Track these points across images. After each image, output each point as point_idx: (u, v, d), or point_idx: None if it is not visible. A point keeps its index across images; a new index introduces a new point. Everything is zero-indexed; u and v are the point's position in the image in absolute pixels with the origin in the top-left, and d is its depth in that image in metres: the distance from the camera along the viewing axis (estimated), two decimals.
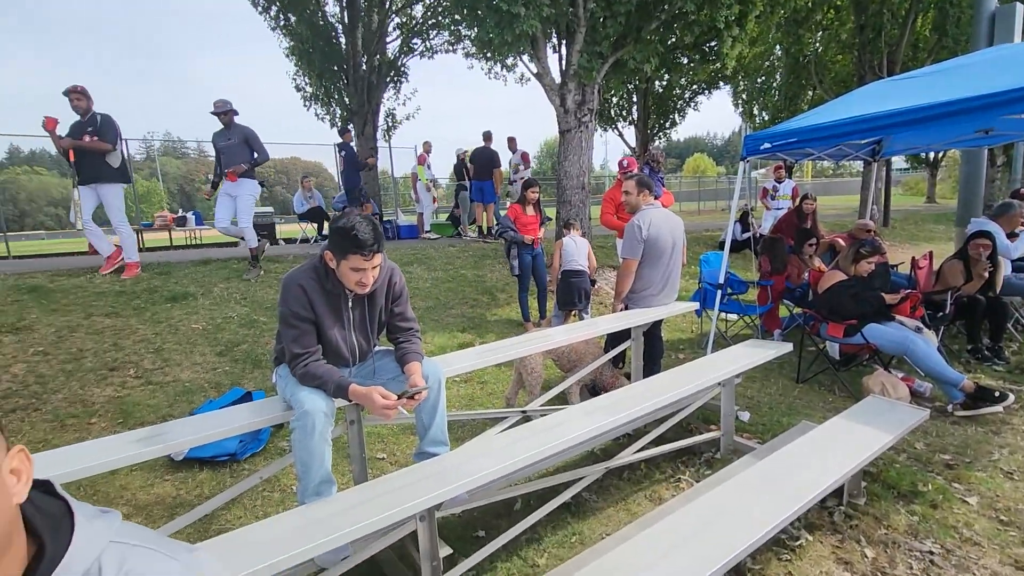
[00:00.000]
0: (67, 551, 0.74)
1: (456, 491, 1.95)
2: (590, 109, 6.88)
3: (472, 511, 2.61)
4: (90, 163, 5.37)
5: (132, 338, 4.58)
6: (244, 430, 2.25)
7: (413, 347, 2.26)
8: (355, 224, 1.96)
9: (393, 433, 3.53)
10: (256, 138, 5.99)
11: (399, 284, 2.28)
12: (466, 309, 6.07)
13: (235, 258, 6.96)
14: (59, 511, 0.79)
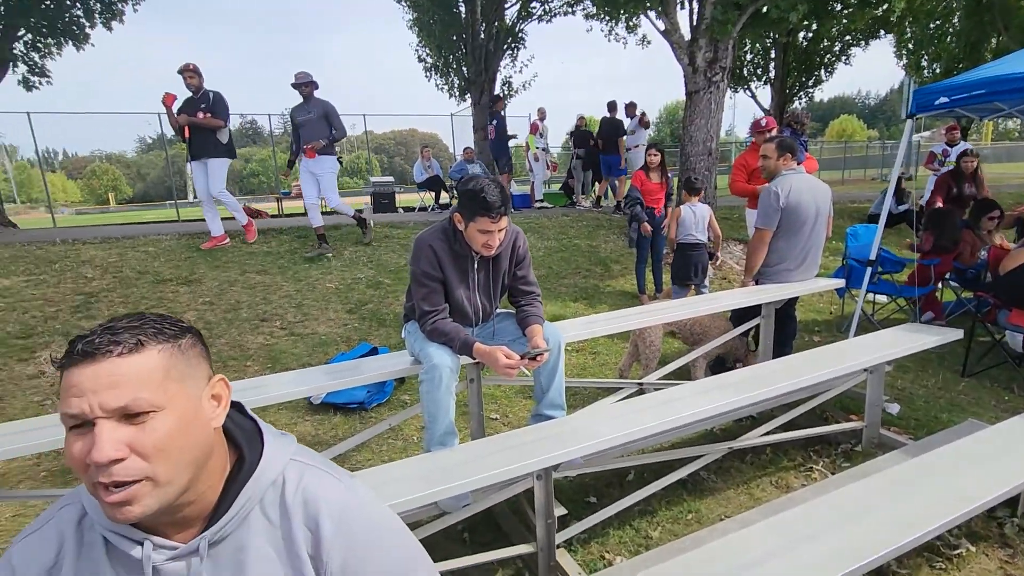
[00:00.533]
0: (260, 461, 0.83)
1: (574, 454, 1.95)
2: (722, 67, 6.35)
3: (584, 476, 2.62)
4: (201, 139, 5.54)
5: (278, 293, 5.11)
6: (375, 380, 2.42)
7: (534, 310, 2.27)
8: (484, 187, 1.98)
9: (506, 395, 3.63)
10: (335, 113, 5.82)
11: (523, 248, 2.29)
12: (579, 279, 6.01)
13: None
14: (251, 428, 0.89)
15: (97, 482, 0.69)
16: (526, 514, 2.32)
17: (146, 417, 0.70)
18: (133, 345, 0.72)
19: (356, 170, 56.12)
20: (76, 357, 0.70)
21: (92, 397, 0.68)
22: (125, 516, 0.70)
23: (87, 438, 0.69)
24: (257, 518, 0.82)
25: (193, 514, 0.79)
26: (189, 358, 0.78)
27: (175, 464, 0.72)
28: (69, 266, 5.28)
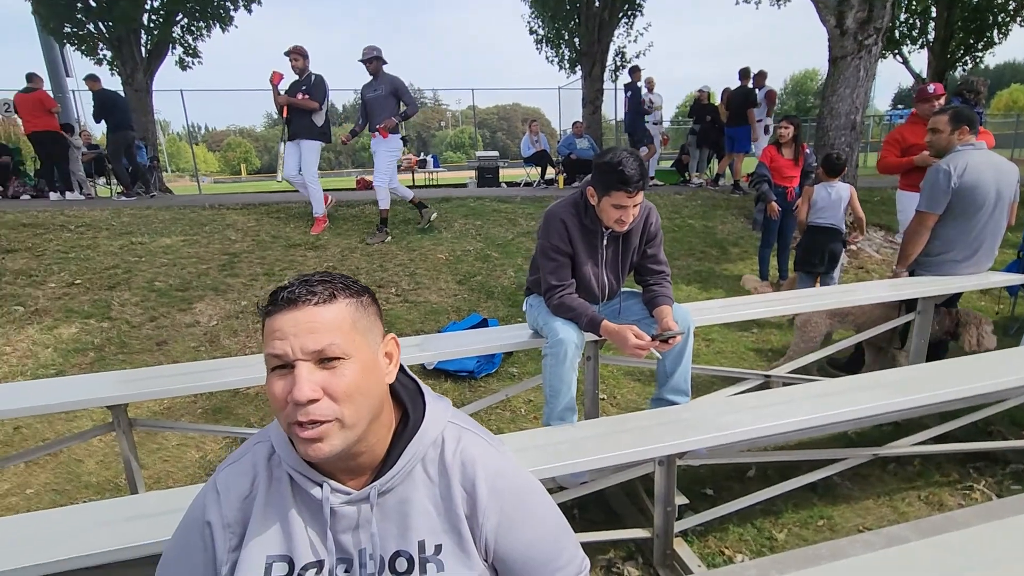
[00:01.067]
0: (423, 421, 0.87)
1: (700, 443, 1.85)
2: (877, 28, 5.59)
3: (701, 467, 2.50)
4: (298, 120, 5.56)
5: (393, 262, 5.35)
6: (496, 351, 2.46)
7: (664, 290, 2.17)
8: (622, 159, 1.89)
9: (614, 375, 3.55)
10: (405, 89, 5.59)
11: (655, 225, 2.18)
12: (692, 262, 5.72)
13: (472, 197, 7.59)
14: (413, 388, 0.93)
15: (294, 421, 0.75)
16: (640, 498, 2.26)
17: (337, 363, 0.76)
18: (328, 296, 0.78)
19: (460, 144, 57.42)
20: (280, 304, 0.77)
21: (294, 340, 0.75)
22: (316, 452, 0.76)
23: (288, 379, 0.75)
24: (419, 474, 0.86)
25: (364, 463, 0.85)
26: (369, 315, 0.83)
27: (358, 409, 0.78)
28: (216, 229, 5.88)
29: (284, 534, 0.84)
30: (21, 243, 5.10)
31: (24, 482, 2.63)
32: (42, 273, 4.60)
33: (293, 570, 0.83)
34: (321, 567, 0.83)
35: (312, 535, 0.84)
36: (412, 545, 0.84)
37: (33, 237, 5.24)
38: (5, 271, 4.64)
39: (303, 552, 0.83)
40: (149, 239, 5.46)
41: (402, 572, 0.84)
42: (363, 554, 0.84)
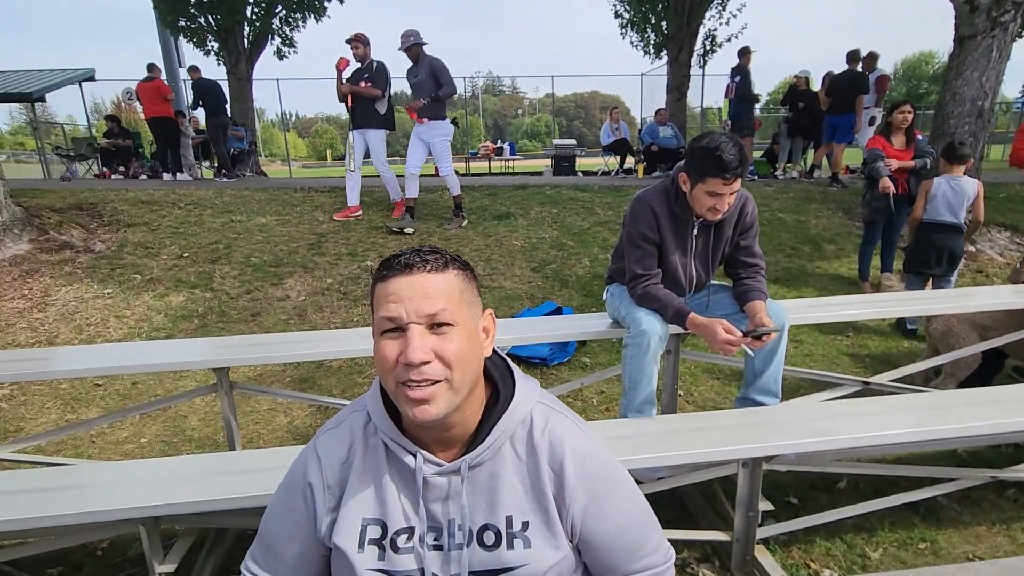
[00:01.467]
0: (512, 399, 0.87)
1: (790, 448, 1.74)
2: (1016, 3, 4.95)
3: (786, 474, 2.35)
4: (362, 109, 5.53)
5: (469, 247, 5.42)
6: (573, 338, 2.43)
7: (758, 284, 2.04)
8: (720, 144, 1.78)
9: (691, 372, 3.42)
10: (443, 69, 5.29)
11: (751, 215, 2.05)
12: (781, 258, 5.38)
13: (548, 185, 7.54)
14: (503, 367, 0.93)
15: (403, 381, 0.77)
16: (718, 499, 2.17)
17: (447, 329, 0.78)
18: (441, 265, 0.81)
19: (536, 133, 57.23)
20: (396, 269, 0.80)
21: (408, 304, 0.77)
22: (423, 414, 0.78)
23: (400, 341, 0.78)
24: (508, 452, 0.87)
25: (456, 436, 0.86)
26: (472, 288, 0.86)
27: (464, 374, 0.79)
28: (306, 210, 6.21)
29: (378, 499, 0.87)
30: (140, 218, 5.62)
31: (139, 432, 2.91)
32: (156, 246, 5.06)
33: (386, 534, 0.86)
34: (412, 533, 0.86)
35: (404, 502, 0.86)
36: (500, 520, 0.85)
37: (149, 213, 5.76)
38: (127, 243, 5.14)
39: (396, 517, 0.86)
40: (247, 218, 5.85)
41: (489, 545, 0.85)
42: (452, 524, 0.86)
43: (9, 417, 3.04)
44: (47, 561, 2.06)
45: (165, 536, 1.83)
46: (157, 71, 8.87)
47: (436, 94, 5.24)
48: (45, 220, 5.21)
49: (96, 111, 16.61)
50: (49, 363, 2.35)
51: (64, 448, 2.76)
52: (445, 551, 0.86)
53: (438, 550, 0.86)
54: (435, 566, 0.85)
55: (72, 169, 10.47)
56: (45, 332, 3.87)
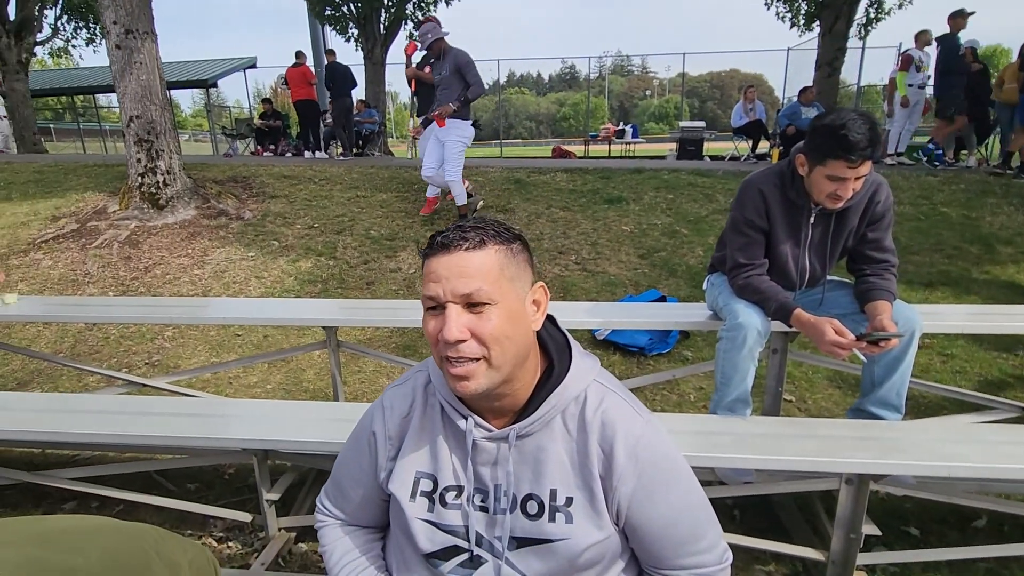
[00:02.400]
0: (567, 375, 0.86)
1: (907, 469, 1.54)
2: None
3: (907, 501, 2.08)
4: (425, 96, 5.30)
5: (576, 230, 5.37)
6: (664, 327, 2.33)
7: (884, 283, 1.79)
8: (846, 121, 1.57)
9: (807, 376, 3.12)
10: (469, 65, 4.77)
11: (883, 204, 1.79)
12: (939, 258, 4.67)
13: (666, 170, 7.22)
14: (562, 342, 0.92)
15: (444, 356, 0.80)
16: (816, 515, 1.98)
17: (484, 308, 0.79)
18: (477, 242, 0.81)
19: (664, 115, 54.77)
20: (435, 248, 0.82)
21: (445, 284, 0.79)
22: (463, 388, 0.81)
23: (440, 319, 0.80)
24: (558, 426, 0.87)
25: (507, 406, 0.88)
26: (518, 261, 0.84)
27: (504, 352, 0.80)
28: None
29: (432, 455, 0.91)
30: (281, 191, 6.27)
31: (265, 379, 3.29)
32: (292, 216, 5.62)
33: (436, 488, 0.90)
34: (460, 492, 0.89)
35: (455, 461, 0.90)
36: (544, 491, 0.86)
37: (289, 187, 6.40)
38: (269, 213, 5.77)
39: (446, 474, 0.90)
40: (370, 193, 6.29)
41: (532, 515, 0.87)
42: (498, 489, 0.88)
43: (170, 355, 3.59)
44: (187, 476, 2.43)
45: (275, 471, 2.07)
46: (303, 58, 9.74)
47: (465, 95, 4.78)
48: (208, 190, 6.01)
49: (257, 95, 18.74)
50: (202, 311, 2.74)
51: (207, 385, 3.20)
52: (490, 513, 0.88)
53: (483, 511, 0.89)
54: (479, 525, 0.88)
55: (233, 147, 11.94)
56: (201, 286, 4.50)
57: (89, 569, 0.82)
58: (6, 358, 3.57)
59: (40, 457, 2.60)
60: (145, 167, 5.40)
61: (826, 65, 9.95)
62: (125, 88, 5.16)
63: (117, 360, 3.55)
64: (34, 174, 7.37)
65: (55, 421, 1.84)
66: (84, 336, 3.81)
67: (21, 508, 2.27)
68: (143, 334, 3.80)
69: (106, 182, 6.68)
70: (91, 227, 5.37)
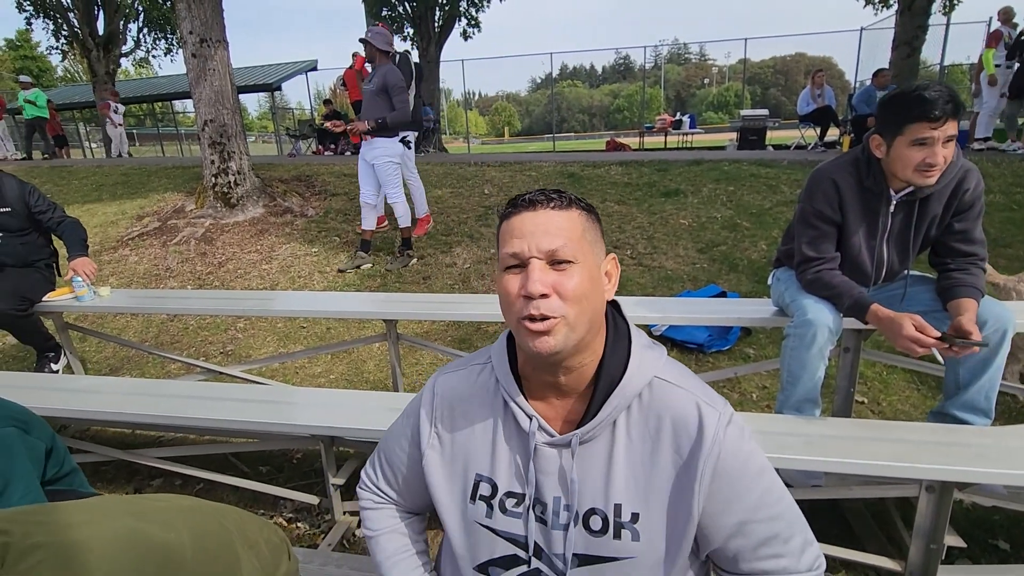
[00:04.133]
0: (626, 371, 0.82)
1: (996, 479, 1.43)
2: None
3: (998, 512, 1.93)
4: None
5: (632, 224, 5.28)
6: (726, 323, 2.25)
7: (971, 278, 1.66)
8: (918, 84, 1.50)
9: (882, 376, 2.95)
10: (397, 88, 4.22)
11: (973, 192, 1.65)
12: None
13: (727, 161, 6.98)
14: (624, 329, 0.88)
15: (523, 316, 0.78)
16: (891, 523, 1.87)
17: (566, 266, 0.78)
18: (564, 203, 0.81)
19: (724, 103, 52.88)
20: (520, 207, 0.81)
21: (531, 239, 0.78)
22: (543, 345, 0.77)
23: (522, 276, 0.79)
24: (622, 432, 0.82)
25: (572, 384, 0.84)
26: (596, 229, 0.85)
27: (583, 312, 0.78)
28: (476, 184, 6.59)
29: (491, 455, 0.88)
30: (341, 189, 6.50)
31: (329, 369, 3.43)
32: (352, 213, 5.81)
33: (496, 493, 0.86)
34: (521, 500, 0.85)
35: (518, 464, 0.86)
36: (608, 506, 0.81)
37: (349, 184, 6.62)
38: (331, 210, 6.00)
39: (506, 478, 0.86)
40: (425, 190, 6.40)
41: (596, 531, 0.81)
42: (557, 501, 0.83)
43: (242, 344, 3.80)
44: (259, 459, 2.57)
45: (340, 457, 2.16)
46: (359, 59, 10.03)
47: (383, 118, 4.27)
48: (274, 189, 6.30)
49: (318, 97, 19.45)
50: (270, 303, 2.89)
51: (276, 374, 3.37)
52: (548, 527, 0.84)
53: (542, 523, 0.85)
54: (539, 537, 0.85)
55: (297, 147, 12.46)
56: (269, 280, 4.73)
57: (181, 543, 0.90)
58: (100, 346, 3.89)
59: (131, 437, 2.82)
60: (218, 168, 5.72)
61: (905, 45, 9.29)
62: (200, 94, 5.48)
63: (195, 349, 3.80)
64: (121, 176, 7.98)
65: (143, 404, 1.99)
66: (166, 326, 4.10)
67: (116, 483, 2.47)
68: (218, 325, 4.05)
69: (183, 183, 7.14)
70: (171, 225, 5.76)
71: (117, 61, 15.27)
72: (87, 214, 6.41)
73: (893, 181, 1.68)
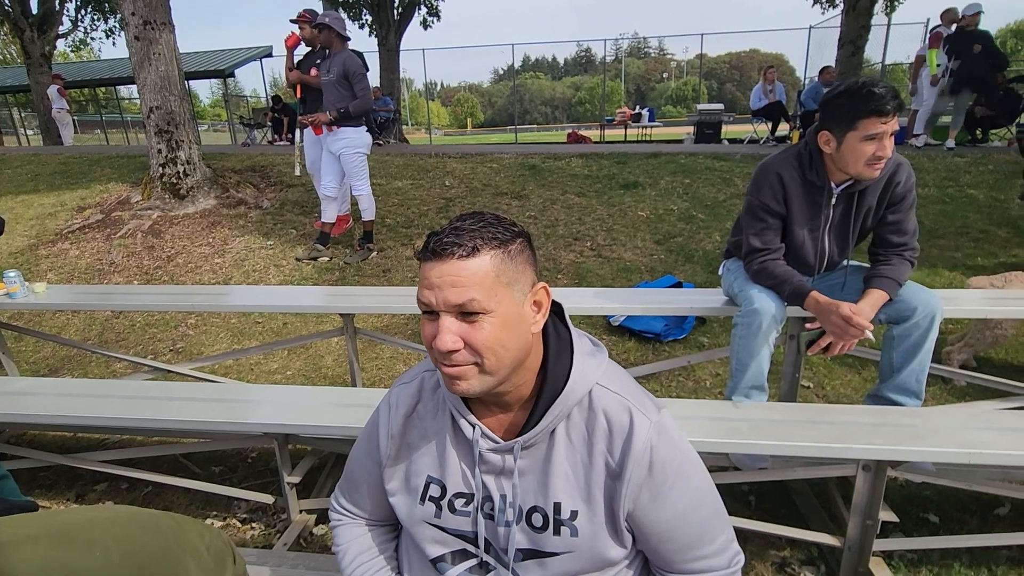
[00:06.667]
0: (568, 382, 0.84)
1: (927, 456, 1.52)
2: None
3: (925, 488, 2.06)
4: (314, 101, 4.63)
5: (592, 216, 5.34)
6: (679, 313, 2.31)
7: (889, 269, 1.75)
8: (864, 80, 1.57)
9: (826, 364, 3.09)
10: (358, 75, 4.16)
11: (904, 184, 1.75)
12: (964, 242, 4.56)
13: (683, 154, 7.12)
14: (566, 339, 0.89)
15: (437, 359, 0.80)
16: (833, 501, 1.97)
17: (477, 318, 0.77)
18: (471, 250, 0.76)
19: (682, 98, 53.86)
20: (428, 254, 0.78)
21: (439, 292, 0.76)
22: (456, 389, 0.80)
23: (434, 324, 0.78)
24: (562, 436, 0.86)
25: (511, 401, 0.88)
26: (517, 264, 0.80)
27: (499, 359, 0.78)
28: (437, 176, 6.53)
29: (440, 460, 0.91)
30: (297, 180, 6.31)
31: (286, 365, 3.35)
32: (309, 205, 5.67)
33: (445, 494, 0.90)
34: (470, 500, 0.89)
35: (464, 468, 0.90)
36: (548, 504, 0.85)
37: (305, 176, 6.43)
38: (287, 202, 5.83)
39: (455, 480, 0.90)
40: (386, 181, 6.31)
41: (537, 527, 0.86)
42: (504, 500, 0.87)
43: (193, 342, 3.67)
44: (211, 460, 2.50)
45: (296, 455, 2.12)
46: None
47: (345, 108, 4.17)
48: (227, 180, 6.09)
49: (273, 84, 18.83)
50: (223, 298, 2.80)
51: (230, 371, 3.28)
52: (495, 523, 0.88)
53: (489, 519, 0.89)
54: (488, 533, 0.89)
55: (251, 136, 12.07)
56: (222, 274, 4.58)
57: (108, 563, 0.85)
58: (38, 345, 3.69)
59: (72, 441, 2.69)
60: (166, 157, 5.48)
61: (849, 43, 9.67)
62: (145, 79, 5.23)
63: (143, 347, 3.65)
64: (59, 165, 7.54)
65: (85, 406, 1.90)
66: (111, 324, 3.92)
67: (55, 489, 2.36)
68: (167, 322, 3.90)
69: (129, 172, 6.81)
70: (115, 217, 5.49)
71: (53, 43, 14.37)
72: (21, 205, 6.05)
73: (835, 174, 1.75)
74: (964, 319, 3.18)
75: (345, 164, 4.39)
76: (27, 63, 13.55)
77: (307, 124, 4.44)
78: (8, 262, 4.87)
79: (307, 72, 4.61)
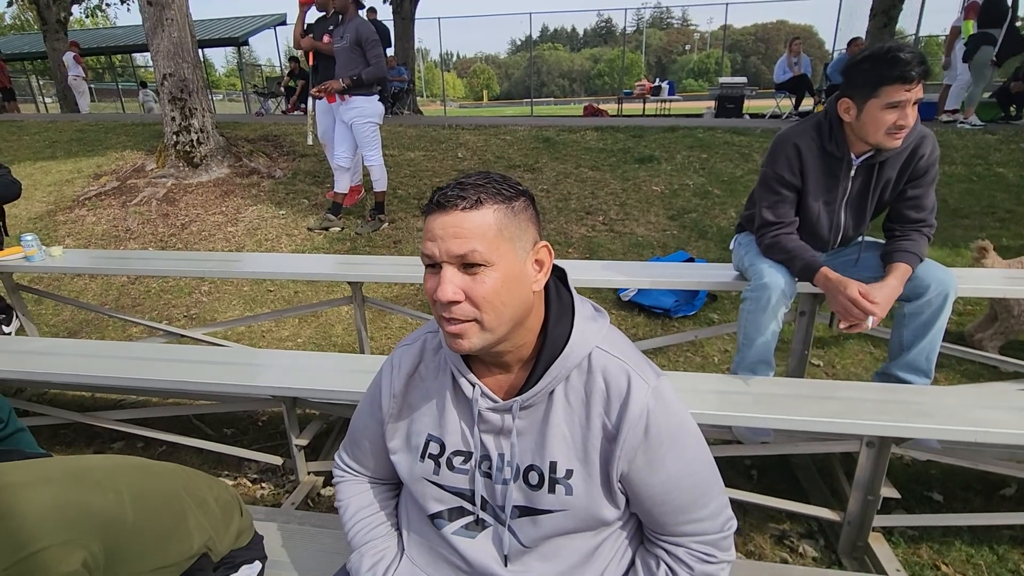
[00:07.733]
0: (568, 342, 0.84)
1: (932, 434, 1.50)
2: None
3: (930, 466, 2.05)
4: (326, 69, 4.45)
5: (605, 190, 5.27)
6: (689, 287, 2.29)
7: (909, 243, 1.70)
8: (890, 46, 1.50)
9: (838, 340, 3.05)
10: (372, 41, 4.06)
11: (928, 158, 1.68)
12: (989, 222, 4.42)
13: (701, 128, 6.97)
14: (568, 302, 0.90)
15: (440, 314, 0.80)
16: (835, 476, 1.97)
17: (479, 269, 0.77)
18: (474, 202, 0.77)
19: (704, 71, 52.43)
20: (432, 207, 0.79)
21: (441, 243, 0.77)
22: (458, 347, 0.81)
23: (436, 277, 0.79)
24: (560, 397, 0.87)
25: (510, 361, 0.88)
26: (520, 220, 0.81)
27: (498, 315, 0.79)
28: (450, 147, 6.48)
29: (440, 418, 0.93)
30: (310, 150, 6.30)
31: (296, 332, 3.40)
32: (322, 175, 5.67)
33: (444, 451, 0.92)
34: (468, 458, 0.91)
35: (463, 427, 0.91)
36: (545, 463, 0.86)
37: (318, 145, 6.41)
38: (299, 171, 5.84)
39: (454, 439, 0.91)
40: (398, 152, 6.28)
41: (533, 485, 0.87)
42: (502, 459, 0.89)
43: (207, 308, 3.74)
44: (223, 422, 2.56)
45: (304, 419, 2.16)
46: None
47: (359, 75, 4.08)
48: (240, 149, 6.10)
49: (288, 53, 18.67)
50: (235, 265, 2.82)
51: (242, 338, 3.33)
52: (493, 481, 0.90)
53: (487, 477, 0.90)
54: (485, 491, 0.91)
55: (265, 105, 12.03)
56: (235, 242, 4.62)
57: (120, 503, 0.90)
58: (57, 308, 3.78)
59: (90, 400, 2.78)
60: (179, 126, 5.49)
61: (882, 14, 9.26)
62: (158, 46, 5.21)
63: (158, 312, 3.72)
64: (76, 133, 7.61)
65: (103, 366, 1.95)
66: (127, 289, 3.99)
67: (75, 446, 2.44)
68: (181, 288, 3.96)
69: (144, 140, 6.85)
70: (131, 185, 5.55)
71: (69, 8, 14.34)
72: (40, 172, 6.13)
73: (856, 145, 1.69)
74: (981, 299, 3.12)
75: (357, 134, 4.33)
76: (43, 29, 13.55)
77: (319, 96, 4.32)
78: (27, 227, 4.96)
79: (319, 39, 4.48)
